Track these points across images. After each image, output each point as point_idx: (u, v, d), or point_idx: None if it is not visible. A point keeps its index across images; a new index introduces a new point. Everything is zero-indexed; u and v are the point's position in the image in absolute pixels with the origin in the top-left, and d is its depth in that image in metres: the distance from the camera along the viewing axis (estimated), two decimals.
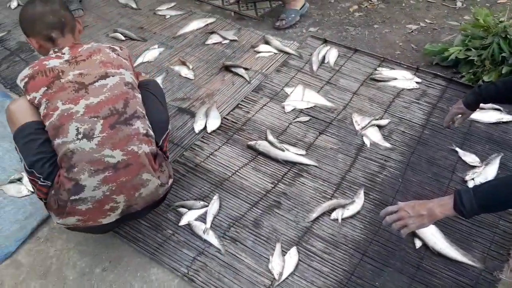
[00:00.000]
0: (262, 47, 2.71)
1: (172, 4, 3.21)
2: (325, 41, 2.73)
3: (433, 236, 1.59)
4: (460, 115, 1.76)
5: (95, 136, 1.39)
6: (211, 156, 2.00)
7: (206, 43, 2.78)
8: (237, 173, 1.91)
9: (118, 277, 1.57)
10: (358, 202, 1.74)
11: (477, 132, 2.03)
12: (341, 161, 1.94)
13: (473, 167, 1.85)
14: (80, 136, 1.38)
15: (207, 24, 2.96)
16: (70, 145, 1.38)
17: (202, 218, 1.72)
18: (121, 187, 1.41)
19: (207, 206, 1.76)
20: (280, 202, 1.78)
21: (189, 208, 1.76)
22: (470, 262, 1.52)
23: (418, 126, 2.11)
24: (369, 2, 3.23)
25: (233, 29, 2.91)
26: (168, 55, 2.67)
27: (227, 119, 2.19)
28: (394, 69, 2.48)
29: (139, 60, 2.61)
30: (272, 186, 1.84)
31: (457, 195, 1.25)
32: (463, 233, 1.64)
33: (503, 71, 2.21)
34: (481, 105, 2.06)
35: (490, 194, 1.21)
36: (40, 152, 1.42)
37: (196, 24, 2.94)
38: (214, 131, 2.12)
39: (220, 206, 1.76)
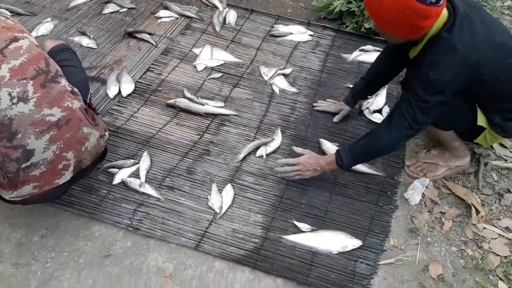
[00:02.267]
0: (163, 13, 2.73)
1: None
2: None
3: None
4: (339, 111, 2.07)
5: (29, 97, 1.34)
6: (131, 118, 2.02)
7: (103, 12, 2.70)
8: (161, 130, 1.98)
9: (59, 241, 1.56)
10: (277, 139, 1.94)
11: (365, 71, 2.35)
12: (257, 108, 2.12)
13: (367, 98, 2.16)
14: (15, 101, 1.32)
15: None
16: (6, 112, 1.30)
17: (135, 175, 1.77)
18: (68, 143, 1.41)
19: (138, 163, 1.80)
20: (208, 150, 1.90)
21: (120, 168, 1.79)
22: (375, 172, 1.83)
23: (317, 72, 2.37)
24: None
25: None
26: (64, 27, 2.55)
27: (141, 82, 2.22)
28: (288, 25, 2.71)
29: (33, 35, 2.46)
30: (199, 137, 1.95)
31: (337, 155, 1.62)
32: None
33: None
34: (366, 47, 2.43)
35: (358, 152, 1.61)
36: None
37: None
38: (129, 94, 2.14)
39: (151, 162, 1.82)
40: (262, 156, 1.87)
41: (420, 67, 1.43)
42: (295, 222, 1.63)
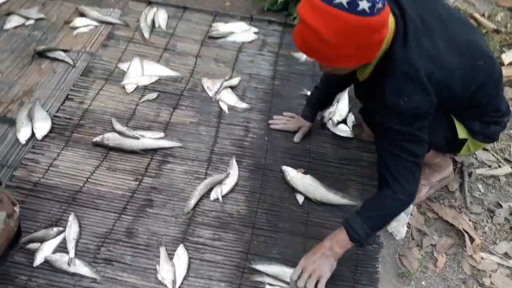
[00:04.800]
0: (79, 21, 2.29)
1: None
2: (149, 3, 2.45)
3: (311, 187, 1.59)
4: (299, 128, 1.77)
5: None
6: (51, 168, 1.63)
7: (4, 28, 2.22)
8: (89, 180, 1.60)
9: None
10: (233, 173, 1.63)
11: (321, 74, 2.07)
12: (204, 134, 1.79)
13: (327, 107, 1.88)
14: None
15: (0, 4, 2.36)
16: None
17: (62, 248, 1.41)
18: None
19: (63, 231, 1.44)
20: (151, 200, 1.56)
21: (42, 241, 1.41)
22: (350, 202, 1.57)
23: (268, 79, 2.07)
24: None
25: (36, 4, 2.38)
26: None
27: (59, 117, 1.81)
28: (229, 22, 2.36)
29: None
30: (137, 183, 1.60)
31: (348, 227, 1.26)
32: (335, 175, 1.67)
33: None
34: None
35: (376, 217, 1.27)
36: None
37: None
38: (46, 135, 1.73)
39: (80, 227, 1.46)
40: (217, 199, 1.56)
41: (381, 98, 1.15)
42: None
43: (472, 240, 1.46)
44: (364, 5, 0.97)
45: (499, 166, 1.70)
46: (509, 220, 1.54)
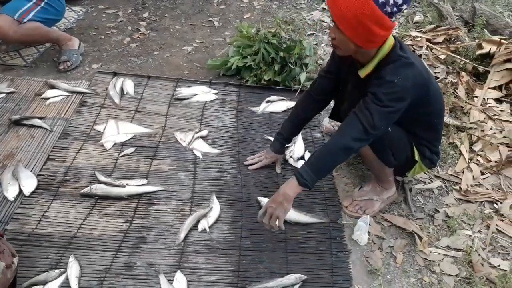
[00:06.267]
0: (50, 92, 2.48)
1: None
2: (115, 74, 2.70)
3: None
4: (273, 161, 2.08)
5: None
6: (43, 219, 1.74)
7: None
8: (82, 226, 1.73)
9: None
10: (216, 207, 1.84)
11: (277, 120, 2.41)
12: (184, 178, 2.00)
13: (286, 147, 2.18)
14: None
15: None
16: None
17: (65, 287, 1.49)
18: None
19: (64, 272, 1.53)
20: (143, 237, 1.71)
21: (44, 283, 1.50)
22: (319, 220, 1.83)
23: (232, 129, 2.35)
24: (139, 32, 3.34)
25: (4, 80, 2.55)
26: None
27: (43, 175, 1.94)
28: (191, 86, 2.66)
29: None
30: (128, 224, 1.75)
31: (297, 174, 1.56)
32: (303, 200, 1.93)
33: (276, 69, 2.68)
34: (270, 98, 2.50)
35: (317, 163, 1.57)
36: None
37: None
38: (33, 192, 1.84)
39: (80, 267, 1.56)
40: (205, 229, 1.75)
41: (380, 77, 1.50)
42: None
43: (420, 238, 1.76)
44: (389, 8, 1.37)
45: (432, 181, 2.07)
46: (446, 221, 1.88)
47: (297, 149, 2.18)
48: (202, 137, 2.25)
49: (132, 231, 1.73)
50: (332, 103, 2.01)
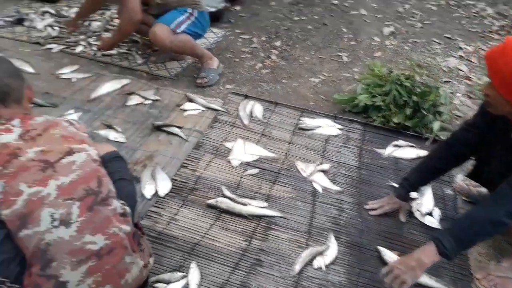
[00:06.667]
0: (188, 105, 2.69)
1: (76, 67, 2.98)
2: (246, 96, 2.84)
3: None
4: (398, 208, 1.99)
5: (72, 221, 1.20)
6: (172, 221, 1.87)
7: (126, 104, 2.65)
8: (206, 235, 1.82)
9: None
10: (333, 247, 1.80)
11: (404, 167, 2.32)
12: (302, 209, 2.01)
13: (412, 199, 2.08)
14: (56, 224, 1.18)
15: (123, 85, 2.82)
16: (45, 236, 1.17)
17: None
18: (107, 276, 1.23)
19: (186, 276, 1.62)
20: (260, 260, 1.74)
21: (167, 282, 1.60)
22: (443, 286, 1.69)
23: (355, 168, 2.32)
24: (271, 59, 3.49)
25: (151, 89, 2.83)
26: (88, 119, 2.46)
27: (176, 180, 2.10)
28: (315, 118, 2.70)
29: None
30: (247, 244, 1.80)
31: (437, 241, 1.46)
32: None
33: (408, 113, 2.59)
34: (398, 142, 2.41)
35: (461, 234, 1.46)
36: (2, 252, 1.17)
37: (110, 86, 2.78)
38: (167, 194, 2.00)
39: (201, 275, 1.64)
40: (321, 268, 1.72)
41: None
42: None
43: None
44: None
45: None
46: None
47: (426, 203, 2.05)
48: (323, 171, 2.25)
49: (250, 251, 1.77)
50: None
